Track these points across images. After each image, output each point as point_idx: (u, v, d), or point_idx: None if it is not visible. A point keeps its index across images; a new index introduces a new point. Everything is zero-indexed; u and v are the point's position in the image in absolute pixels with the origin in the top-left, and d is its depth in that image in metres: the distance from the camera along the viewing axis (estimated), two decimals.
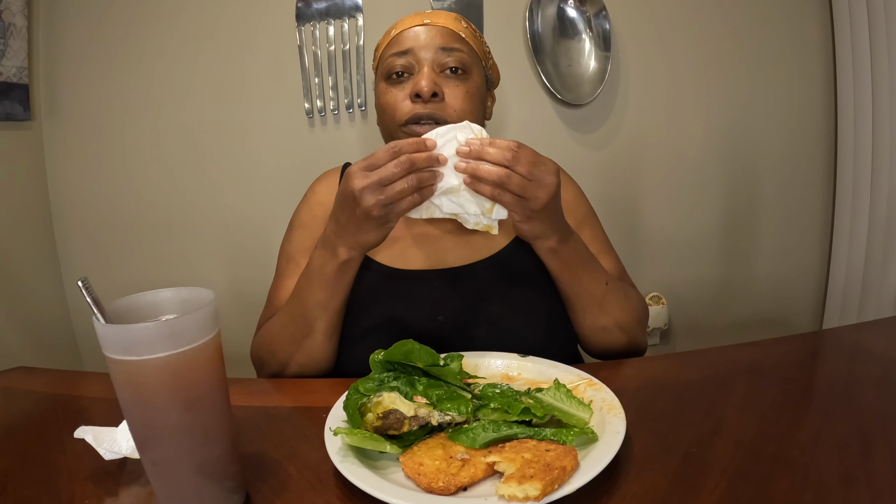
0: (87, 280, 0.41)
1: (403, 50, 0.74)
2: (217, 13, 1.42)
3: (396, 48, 0.75)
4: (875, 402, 0.56)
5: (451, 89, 0.74)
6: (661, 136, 1.51)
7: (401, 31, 0.76)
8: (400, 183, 0.59)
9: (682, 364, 0.69)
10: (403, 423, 0.49)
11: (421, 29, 0.75)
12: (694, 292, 1.59)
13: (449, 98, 0.73)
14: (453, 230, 0.81)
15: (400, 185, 0.59)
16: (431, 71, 0.73)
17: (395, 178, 0.59)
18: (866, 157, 1.39)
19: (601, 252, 0.84)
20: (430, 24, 0.76)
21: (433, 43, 0.74)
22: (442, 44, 0.74)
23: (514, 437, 0.49)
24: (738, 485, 0.44)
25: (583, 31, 1.42)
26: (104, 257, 1.53)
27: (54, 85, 1.46)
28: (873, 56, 1.34)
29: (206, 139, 1.48)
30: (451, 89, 0.74)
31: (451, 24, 0.77)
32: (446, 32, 0.75)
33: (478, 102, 0.78)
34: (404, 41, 0.75)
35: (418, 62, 0.74)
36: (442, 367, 0.56)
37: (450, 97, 0.73)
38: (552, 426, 0.50)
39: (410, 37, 0.75)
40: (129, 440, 0.51)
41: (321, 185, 0.87)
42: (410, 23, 0.76)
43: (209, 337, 0.42)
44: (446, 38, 0.75)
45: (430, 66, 0.73)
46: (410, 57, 0.74)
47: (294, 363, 0.73)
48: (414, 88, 0.72)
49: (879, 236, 1.37)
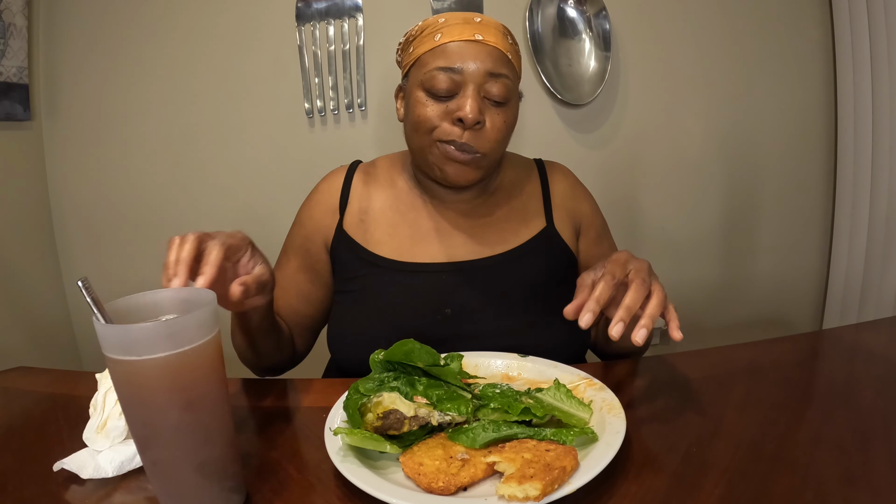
0: (87, 280, 0.41)
1: (451, 67, 0.71)
2: (217, 13, 1.42)
3: (444, 62, 0.71)
4: (875, 402, 0.56)
5: (491, 118, 0.72)
6: (661, 136, 1.51)
7: (449, 41, 0.72)
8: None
9: (682, 364, 0.69)
10: (403, 423, 0.49)
11: (471, 46, 0.72)
12: (694, 292, 1.59)
13: (489, 127, 0.72)
14: (468, 225, 0.81)
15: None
16: (477, 96, 0.71)
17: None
18: (866, 157, 1.39)
19: None
20: (481, 42, 0.72)
21: (483, 67, 0.71)
22: (491, 68, 0.71)
23: (514, 437, 0.49)
24: (738, 485, 0.44)
25: (583, 31, 1.42)
26: (104, 257, 1.53)
27: (54, 85, 1.46)
28: (873, 56, 1.34)
29: (206, 139, 1.48)
30: (492, 118, 0.73)
31: (500, 44, 0.73)
32: (496, 55, 0.72)
33: (511, 130, 0.77)
34: (453, 57, 0.71)
35: (464, 83, 0.71)
36: (442, 366, 0.56)
37: (489, 126, 0.72)
38: (552, 426, 0.50)
39: (460, 53, 0.71)
40: (111, 461, 0.50)
41: (324, 184, 0.87)
42: (460, 33, 0.72)
43: (209, 337, 0.42)
44: (496, 62, 0.72)
45: (475, 91, 0.71)
46: (457, 76, 0.71)
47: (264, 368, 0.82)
48: (458, 112, 0.70)
49: (879, 236, 1.37)
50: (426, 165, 0.77)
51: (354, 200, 0.83)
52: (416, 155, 0.78)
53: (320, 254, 0.84)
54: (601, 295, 0.56)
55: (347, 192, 0.84)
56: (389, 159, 0.90)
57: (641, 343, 0.55)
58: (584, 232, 0.86)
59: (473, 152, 0.72)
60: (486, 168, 0.76)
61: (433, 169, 0.76)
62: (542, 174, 0.88)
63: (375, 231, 0.81)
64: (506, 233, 0.81)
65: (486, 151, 0.73)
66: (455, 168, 0.74)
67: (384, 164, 0.89)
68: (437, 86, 0.71)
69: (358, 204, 0.83)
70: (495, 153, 0.75)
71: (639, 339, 0.54)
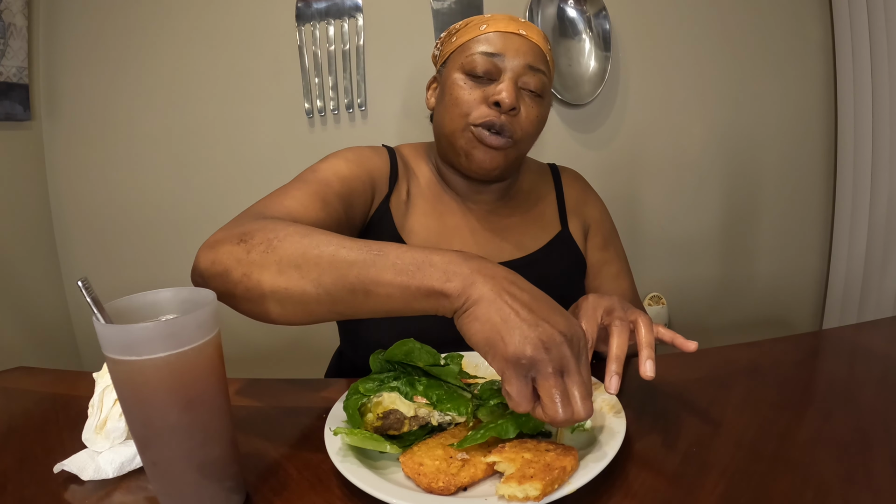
0: (87, 280, 0.41)
1: (495, 52, 0.73)
2: (217, 13, 1.42)
3: (487, 47, 0.73)
4: (875, 402, 0.56)
5: (526, 108, 0.74)
6: (661, 136, 1.51)
7: (495, 30, 0.75)
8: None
9: (682, 364, 0.68)
10: (403, 423, 0.49)
11: (515, 38, 0.74)
12: (694, 292, 1.59)
13: (523, 115, 0.74)
14: (486, 228, 0.81)
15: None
16: (515, 83, 0.72)
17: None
18: (866, 157, 1.39)
19: (621, 273, 0.87)
20: (525, 37, 0.74)
21: (524, 59, 0.73)
22: (531, 62, 0.73)
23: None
24: (738, 485, 0.44)
25: (583, 31, 1.42)
26: (104, 257, 1.53)
27: (54, 85, 1.46)
28: (873, 56, 1.34)
29: (205, 139, 1.48)
30: (527, 108, 0.74)
31: (541, 43, 0.76)
32: (537, 51, 0.75)
33: (542, 126, 0.78)
34: (497, 43, 0.73)
35: (504, 70, 0.73)
36: (442, 366, 0.56)
37: (524, 114, 0.74)
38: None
39: (504, 42, 0.73)
40: (112, 462, 0.50)
41: (370, 151, 0.80)
42: (505, 26, 0.75)
43: (209, 337, 0.42)
44: (536, 58, 0.74)
45: (513, 78, 0.72)
46: (499, 61, 0.73)
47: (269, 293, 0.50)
48: (495, 96, 0.71)
49: (879, 236, 1.37)
50: (453, 152, 0.77)
51: (403, 180, 0.81)
52: (445, 140, 0.77)
53: (365, 195, 0.73)
54: (617, 351, 0.54)
55: (396, 171, 0.80)
56: (413, 148, 0.87)
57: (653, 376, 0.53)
58: (591, 236, 0.87)
59: (507, 135, 0.73)
60: (512, 159, 0.76)
61: (460, 155, 0.76)
62: (556, 179, 0.89)
63: (411, 217, 0.79)
64: (524, 237, 0.82)
65: (518, 138, 0.74)
66: (483, 153, 0.74)
67: (409, 152, 0.86)
68: (479, 68, 0.73)
69: (405, 184, 0.81)
70: (525, 143, 0.76)
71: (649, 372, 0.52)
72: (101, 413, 0.52)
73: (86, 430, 0.53)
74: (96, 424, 0.52)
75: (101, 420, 0.52)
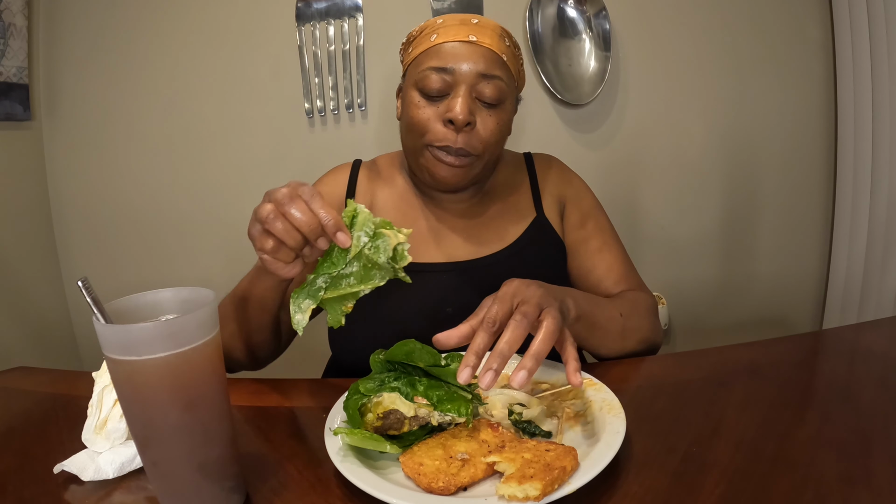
0: (87, 280, 0.41)
1: (444, 67, 0.72)
2: (217, 13, 1.42)
3: (436, 62, 0.72)
4: (875, 402, 0.56)
5: (483, 119, 0.73)
6: (661, 136, 1.50)
7: (443, 42, 0.73)
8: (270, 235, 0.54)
9: (682, 364, 0.69)
10: (403, 424, 0.49)
11: (465, 47, 0.72)
12: (694, 292, 1.59)
13: (480, 127, 0.73)
14: (465, 225, 0.81)
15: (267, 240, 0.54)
16: (468, 97, 0.71)
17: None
18: (866, 157, 1.39)
19: (605, 246, 0.84)
20: (475, 43, 0.73)
21: (475, 68, 0.71)
22: (484, 69, 0.72)
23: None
24: (738, 485, 0.44)
25: (583, 31, 1.42)
26: (104, 257, 1.53)
27: (54, 85, 1.46)
28: (873, 56, 1.34)
29: (205, 139, 1.48)
30: (484, 119, 0.73)
31: (495, 45, 0.74)
32: (490, 56, 0.73)
33: (505, 132, 0.77)
34: (446, 57, 0.72)
35: (456, 83, 0.72)
36: (443, 367, 0.56)
37: (481, 126, 0.73)
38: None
39: (453, 53, 0.72)
40: (112, 463, 0.50)
41: (329, 178, 0.87)
42: (455, 34, 0.73)
43: (209, 337, 0.42)
44: (489, 64, 0.72)
45: (467, 91, 0.71)
46: (449, 76, 0.71)
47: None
48: (448, 114, 0.70)
49: (879, 236, 1.37)
50: (417, 168, 0.78)
51: (360, 196, 0.84)
52: (409, 157, 0.79)
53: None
54: (479, 346, 0.51)
55: (353, 187, 0.84)
56: (389, 157, 0.90)
57: (519, 387, 0.50)
58: (567, 215, 0.85)
59: (467, 155, 0.73)
60: (478, 171, 0.77)
61: (423, 172, 0.77)
62: (529, 167, 0.88)
63: None
64: (501, 230, 0.81)
65: (478, 153, 0.73)
66: (445, 170, 0.74)
67: (385, 162, 0.89)
68: (430, 86, 0.72)
69: (363, 200, 0.83)
70: (488, 155, 0.75)
71: (515, 384, 0.49)
72: (100, 413, 0.52)
73: (85, 431, 0.53)
74: (96, 424, 0.52)
75: (101, 420, 0.52)
